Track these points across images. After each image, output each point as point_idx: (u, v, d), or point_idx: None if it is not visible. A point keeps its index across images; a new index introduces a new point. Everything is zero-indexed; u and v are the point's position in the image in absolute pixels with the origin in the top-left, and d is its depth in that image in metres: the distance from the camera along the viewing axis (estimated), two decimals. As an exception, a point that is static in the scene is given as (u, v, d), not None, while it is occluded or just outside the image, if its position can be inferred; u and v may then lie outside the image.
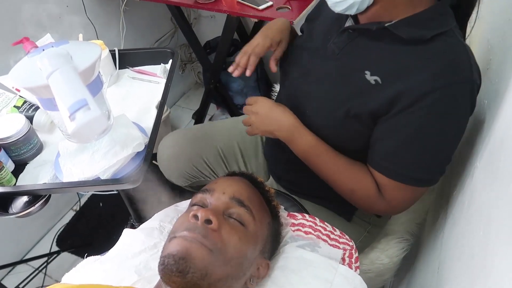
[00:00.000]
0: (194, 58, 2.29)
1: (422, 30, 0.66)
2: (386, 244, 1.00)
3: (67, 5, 1.49)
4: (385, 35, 0.69)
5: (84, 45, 0.69)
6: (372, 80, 0.70)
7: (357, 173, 0.77)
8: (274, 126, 0.82)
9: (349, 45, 0.75)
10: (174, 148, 1.09)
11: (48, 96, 0.61)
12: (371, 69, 0.71)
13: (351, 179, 0.78)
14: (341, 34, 0.76)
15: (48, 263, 1.53)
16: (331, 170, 0.79)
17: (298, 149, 0.81)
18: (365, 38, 0.73)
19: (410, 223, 1.04)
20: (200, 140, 1.10)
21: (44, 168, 0.84)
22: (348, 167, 0.78)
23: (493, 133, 0.61)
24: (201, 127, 1.18)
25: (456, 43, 0.66)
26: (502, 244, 0.44)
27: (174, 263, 0.55)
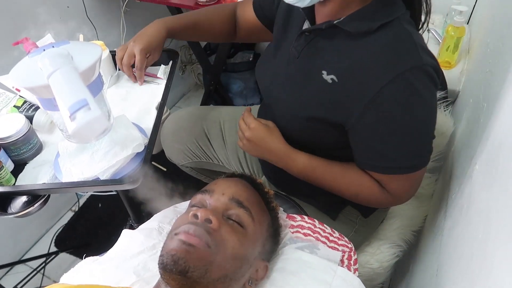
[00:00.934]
0: (194, 59, 2.29)
1: (367, 22, 0.66)
2: (376, 249, 0.99)
3: (67, 5, 1.50)
4: (337, 33, 0.70)
5: (85, 46, 0.69)
6: (329, 79, 0.70)
7: (355, 176, 0.77)
8: (265, 154, 0.84)
9: (307, 47, 0.76)
10: (178, 123, 1.13)
11: (48, 96, 0.61)
12: (327, 69, 0.71)
13: (351, 185, 0.79)
14: (299, 37, 0.77)
15: (46, 263, 1.52)
16: (330, 181, 0.80)
17: (293, 172, 0.83)
18: (320, 38, 0.74)
19: (405, 230, 1.03)
20: (204, 117, 1.14)
21: (43, 168, 0.84)
22: (345, 174, 0.79)
23: (492, 136, 0.62)
24: (207, 107, 1.23)
25: (400, 31, 0.66)
26: (501, 246, 0.44)
27: (174, 263, 0.55)
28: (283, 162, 0.83)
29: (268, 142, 0.82)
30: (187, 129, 1.12)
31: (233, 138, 1.11)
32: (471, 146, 0.76)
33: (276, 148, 0.82)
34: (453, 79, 1.19)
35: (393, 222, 1.03)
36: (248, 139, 0.83)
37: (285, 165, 0.83)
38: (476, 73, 0.94)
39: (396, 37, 0.65)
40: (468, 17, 1.38)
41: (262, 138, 0.82)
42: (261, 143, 0.82)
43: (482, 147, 0.66)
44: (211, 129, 1.12)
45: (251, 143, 0.84)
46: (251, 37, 1.03)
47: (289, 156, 0.81)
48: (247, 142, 0.84)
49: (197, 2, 1.39)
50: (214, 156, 1.13)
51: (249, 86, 1.93)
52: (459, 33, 1.19)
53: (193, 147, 1.11)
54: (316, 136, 0.78)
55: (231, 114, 1.15)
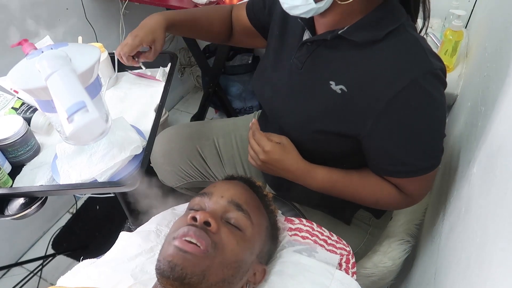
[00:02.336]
0: (193, 62, 2.29)
1: (374, 31, 0.66)
2: (388, 247, 1.00)
3: (67, 7, 1.50)
4: (341, 43, 0.69)
5: (83, 48, 0.69)
6: (338, 89, 0.70)
7: (374, 184, 0.77)
8: (282, 174, 0.80)
9: (310, 58, 0.75)
10: (169, 144, 1.07)
11: (46, 98, 0.61)
12: (335, 79, 0.70)
13: (371, 193, 0.78)
14: (301, 48, 0.76)
15: (43, 266, 1.52)
16: (351, 193, 0.80)
17: (312, 188, 0.80)
18: (324, 48, 0.73)
19: (409, 224, 1.05)
20: (196, 135, 1.09)
21: (41, 170, 0.84)
22: (364, 183, 0.78)
23: (490, 140, 0.62)
24: (197, 123, 1.17)
25: (407, 37, 0.66)
26: (499, 250, 0.44)
27: (171, 269, 0.55)
28: (302, 180, 0.80)
29: (285, 163, 0.78)
30: (178, 150, 1.07)
31: (230, 153, 1.08)
32: (469, 149, 0.76)
33: (293, 167, 0.78)
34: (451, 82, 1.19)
35: (398, 218, 1.05)
36: (263, 161, 0.79)
37: (303, 182, 0.80)
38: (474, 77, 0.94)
39: (405, 44, 0.66)
40: (466, 21, 1.38)
41: (278, 160, 0.78)
42: (278, 165, 0.78)
43: (480, 151, 0.66)
44: (204, 147, 1.08)
45: (267, 165, 0.79)
46: (244, 41, 1.02)
47: (308, 174, 0.79)
48: (262, 164, 0.80)
49: (196, 4, 1.39)
50: (210, 175, 1.09)
51: (247, 89, 1.93)
52: (457, 37, 1.20)
53: (186, 167, 1.07)
54: (323, 146, 0.77)
55: (223, 128, 1.12)
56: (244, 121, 1.14)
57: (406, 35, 0.66)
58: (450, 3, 1.25)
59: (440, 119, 0.69)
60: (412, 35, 0.67)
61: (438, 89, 0.66)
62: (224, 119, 1.19)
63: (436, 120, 0.68)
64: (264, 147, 0.78)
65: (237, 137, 1.10)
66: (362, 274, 1.00)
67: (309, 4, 0.65)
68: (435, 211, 0.94)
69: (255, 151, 0.80)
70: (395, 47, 0.66)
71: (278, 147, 0.78)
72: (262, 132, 0.80)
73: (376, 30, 0.66)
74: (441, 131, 0.70)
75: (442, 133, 0.70)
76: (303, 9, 0.66)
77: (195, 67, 2.34)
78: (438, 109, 0.67)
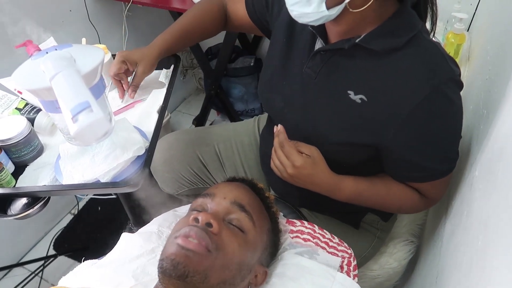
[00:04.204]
0: (196, 64, 2.30)
1: (393, 39, 0.65)
2: (393, 248, 1.01)
3: (70, 9, 1.51)
4: (359, 52, 0.68)
5: (87, 49, 0.70)
6: (357, 99, 0.69)
7: (397, 191, 0.77)
8: (309, 187, 0.76)
9: (325, 67, 0.73)
10: (169, 152, 1.06)
11: (51, 98, 0.62)
12: (353, 89, 0.69)
13: (395, 200, 0.78)
14: (314, 57, 0.74)
15: (44, 266, 1.52)
16: (376, 201, 0.80)
17: (339, 199, 0.78)
18: (339, 57, 0.71)
19: (412, 224, 1.06)
20: (196, 141, 1.08)
21: (44, 170, 0.84)
22: (388, 191, 0.78)
23: (492, 143, 0.62)
24: (196, 129, 1.16)
25: (427, 44, 0.66)
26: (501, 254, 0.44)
27: (173, 268, 0.55)
28: (329, 193, 0.77)
29: (314, 178, 0.74)
30: (179, 157, 1.06)
31: (231, 159, 1.07)
32: (471, 153, 0.76)
33: (323, 182, 0.75)
34: (453, 86, 1.20)
35: (402, 219, 1.05)
36: (291, 175, 0.73)
37: (330, 194, 0.77)
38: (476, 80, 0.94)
39: (425, 51, 0.65)
40: (468, 24, 1.39)
41: (307, 176, 0.73)
42: (306, 179, 0.74)
43: (482, 154, 0.66)
44: (205, 154, 1.07)
45: (294, 178, 0.74)
46: (241, 30, 1.03)
47: (336, 187, 0.76)
48: (289, 177, 0.74)
49: (199, 7, 1.39)
50: (212, 181, 1.08)
51: (249, 91, 1.93)
52: (459, 40, 1.20)
53: (187, 174, 1.05)
54: (340, 156, 0.76)
55: (223, 134, 1.10)
56: (244, 126, 1.14)
57: (424, 42, 0.66)
58: (452, 6, 1.25)
59: (460, 123, 0.69)
60: (430, 41, 0.66)
61: (457, 94, 0.67)
62: (223, 125, 1.19)
63: (456, 125, 0.69)
64: (295, 162, 0.72)
65: (238, 142, 1.09)
66: (368, 276, 1.00)
67: (321, 12, 0.62)
68: (437, 214, 0.94)
69: (283, 164, 0.73)
70: (416, 55, 0.65)
71: (309, 162, 0.72)
72: (291, 143, 0.73)
73: (395, 38, 0.65)
74: (458, 136, 0.71)
75: (458, 137, 0.71)
76: (314, 16, 0.63)
77: (197, 69, 2.34)
78: (458, 114, 0.68)
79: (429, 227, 1.02)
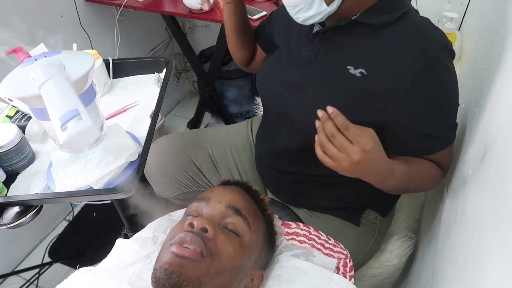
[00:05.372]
0: (189, 67, 2.29)
1: (388, 14, 0.70)
2: (393, 245, 1.01)
3: (61, 14, 1.50)
4: (355, 28, 0.72)
5: (77, 55, 0.69)
6: (357, 73, 0.71)
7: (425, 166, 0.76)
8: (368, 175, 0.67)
9: (324, 48, 0.76)
10: (162, 156, 1.06)
11: (40, 106, 0.61)
12: (353, 64, 0.72)
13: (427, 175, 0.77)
14: (312, 40, 0.77)
15: (40, 274, 1.50)
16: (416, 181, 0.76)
17: (388, 187, 0.72)
18: (337, 36, 0.75)
19: (409, 220, 1.07)
20: (189, 145, 1.08)
21: (36, 178, 0.83)
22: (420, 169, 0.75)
23: (484, 141, 0.62)
24: (190, 132, 1.17)
25: (420, 18, 0.72)
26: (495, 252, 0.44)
27: (167, 277, 0.54)
28: (383, 181, 0.70)
29: (378, 164, 0.65)
30: (173, 160, 1.05)
31: (225, 161, 1.07)
32: (464, 151, 0.76)
33: (383, 168, 0.66)
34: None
35: (399, 215, 1.07)
36: (357, 162, 0.61)
37: (383, 182, 0.70)
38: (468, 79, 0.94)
39: (419, 24, 0.71)
40: (459, 23, 1.39)
41: (373, 161, 0.63)
42: (370, 166, 0.64)
43: (475, 152, 0.66)
44: (198, 157, 1.06)
45: (357, 167, 0.62)
46: None
47: (392, 171, 0.68)
48: (354, 165, 0.62)
49: (191, 11, 1.39)
50: (207, 184, 1.08)
51: (243, 93, 1.93)
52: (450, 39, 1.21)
53: (182, 177, 1.05)
54: None
55: (216, 137, 1.11)
56: (237, 128, 1.14)
57: (416, 17, 0.72)
58: (443, 5, 1.26)
59: (457, 90, 0.73)
60: (422, 17, 0.72)
61: (451, 62, 0.71)
62: (216, 128, 1.20)
63: (455, 91, 0.72)
64: (366, 146, 0.61)
65: (231, 145, 1.09)
66: (370, 275, 1.00)
67: (323, 10, 0.68)
68: (432, 213, 0.94)
69: (346, 150, 0.61)
70: (411, 27, 0.70)
71: (376, 145, 0.63)
72: (360, 130, 0.62)
73: (389, 13, 0.70)
74: (457, 101, 0.73)
75: (458, 103, 0.74)
76: (318, 16, 0.70)
77: (191, 72, 2.34)
78: (455, 80, 0.71)
79: (424, 226, 1.02)
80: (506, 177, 0.47)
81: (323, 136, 0.63)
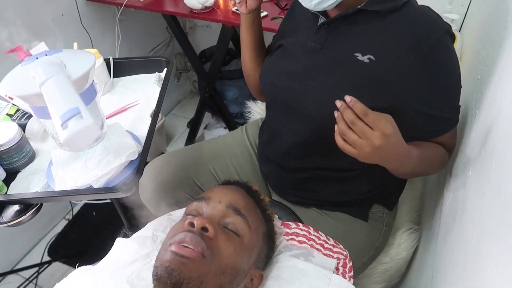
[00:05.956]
0: (190, 67, 2.30)
1: (393, 1, 0.73)
2: (400, 238, 1.03)
3: (62, 14, 1.50)
4: (360, 17, 0.74)
5: (78, 54, 0.69)
6: (365, 59, 0.73)
7: (433, 148, 0.78)
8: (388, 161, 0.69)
9: (330, 37, 0.78)
10: (159, 178, 1.00)
11: (41, 104, 0.61)
12: (360, 51, 0.73)
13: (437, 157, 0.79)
14: (318, 31, 0.79)
15: (39, 273, 1.51)
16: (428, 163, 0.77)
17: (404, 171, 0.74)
18: (342, 26, 0.77)
19: (411, 212, 1.08)
20: (187, 163, 1.03)
21: (36, 177, 0.83)
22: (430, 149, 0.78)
23: (484, 143, 0.62)
24: (184, 150, 1.10)
25: (420, 6, 0.75)
26: (494, 253, 0.44)
27: (168, 275, 0.54)
28: (401, 164, 0.71)
29: (398, 148, 0.66)
30: (171, 182, 1.00)
31: (227, 174, 1.04)
32: (464, 152, 0.76)
33: (401, 151, 0.68)
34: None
35: (402, 208, 1.08)
36: (378, 147, 0.62)
37: (401, 165, 0.71)
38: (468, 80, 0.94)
39: (421, 11, 0.74)
40: (460, 24, 1.39)
41: (394, 145, 0.65)
42: (391, 150, 0.65)
43: (475, 153, 0.66)
44: (199, 176, 1.03)
45: (378, 151, 0.63)
46: None
47: (409, 155, 0.70)
48: (376, 149, 0.63)
49: (192, 10, 1.40)
50: None
51: (244, 93, 1.93)
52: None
53: (182, 198, 1.01)
54: None
55: (215, 151, 1.07)
56: (232, 137, 1.12)
57: (417, 5, 0.75)
58: (444, 7, 1.26)
59: (459, 71, 0.75)
60: (422, 5, 0.75)
61: (452, 45, 0.73)
62: (210, 141, 1.13)
63: (458, 73, 0.74)
64: (386, 130, 0.62)
65: (231, 156, 1.07)
66: (380, 270, 1.01)
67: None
68: (432, 214, 0.94)
69: (367, 136, 0.62)
70: (414, 14, 0.73)
71: (396, 129, 0.64)
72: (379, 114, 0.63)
73: (394, 1, 0.73)
74: (460, 82, 0.76)
75: (460, 85, 0.76)
76: (331, 0, 0.71)
77: (191, 72, 2.34)
78: (457, 62, 0.74)
79: (424, 226, 1.02)
80: (506, 177, 0.47)
81: (343, 125, 0.64)
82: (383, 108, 0.66)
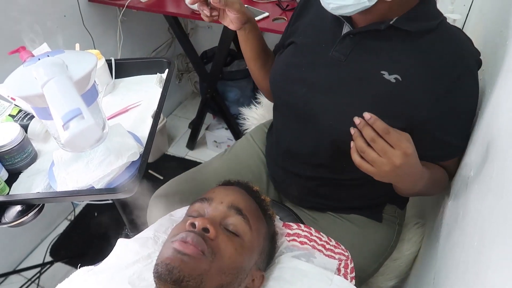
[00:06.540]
0: (191, 67, 2.30)
1: (428, 22, 0.70)
2: (409, 233, 1.03)
3: (64, 14, 1.50)
4: (392, 33, 0.71)
5: (79, 55, 0.69)
6: (392, 79, 0.71)
7: (438, 171, 0.79)
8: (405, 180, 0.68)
9: (355, 50, 0.75)
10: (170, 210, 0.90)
11: (43, 105, 0.61)
12: (387, 69, 0.71)
13: (442, 179, 0.80)
14: (342, 40, 0.76)
15: (41, 273, 1.51)
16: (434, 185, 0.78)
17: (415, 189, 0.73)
18: (370, 39, 0.73)
19: (414, 208, 1.09)
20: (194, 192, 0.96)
21: (38, 177, 0.83)
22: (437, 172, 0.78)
23: (486, 144, 0.62)
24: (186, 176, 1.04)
25: (454, 28, 0.72)
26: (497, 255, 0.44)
27: (168, 272, 0.55)
28: (415, 184, 0.71)
29: (414, 168, 0.65)
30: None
31: None
32: (466, 153, 0.76)
33: (417, 171, 0.67)
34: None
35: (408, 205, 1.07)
36: (399, 166, 0.61)
37: (414, 185, 0.71)
38: (470, 81, 0.94)
39: (455, 34, 0.71)
40: (462, 25, 1.39)
41: (412, 165, 0.64)
42: (409, 170, 0.64)
43: (477, 155, 0.66)
44: None
45: (398, 170, 0.62)
46: None
47: (422, 174, 0.69)
48: (395, 168, 0.61)
49: (193, 11, 1.40)
50: None
51: (245, 94, 1.93)
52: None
53: None
54: None
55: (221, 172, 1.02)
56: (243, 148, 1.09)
57: (451, 26, 0.72)
58: (446, 7, 1.26)
59: (476, 101, 0.73)
60: (455, 26, 0.73)
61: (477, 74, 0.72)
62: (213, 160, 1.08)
63: (477, 104, 0.73)
64: (408, 149, 0.61)
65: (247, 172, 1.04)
66: (393, 267, 1.01)
67: (361, 3, 0.66)
68: (434, 215, 0.94)
69: (388, 155, 0.61)
70: (447, 37, 0.70)
71: (414, 149, 0.63)
72: (400, 133, 0.62)
73: (429, 21, 0.70)
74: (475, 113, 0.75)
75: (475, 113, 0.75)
76: (352, 8, 0.67)
77: (192, 73, 2.34)
78: (478, 92, 0.72)
79: (427, 227, 1.02)
80: (508, 179, 0.47)
81: (361, 142, 0.62)
82: (400, 128, 0.64)
